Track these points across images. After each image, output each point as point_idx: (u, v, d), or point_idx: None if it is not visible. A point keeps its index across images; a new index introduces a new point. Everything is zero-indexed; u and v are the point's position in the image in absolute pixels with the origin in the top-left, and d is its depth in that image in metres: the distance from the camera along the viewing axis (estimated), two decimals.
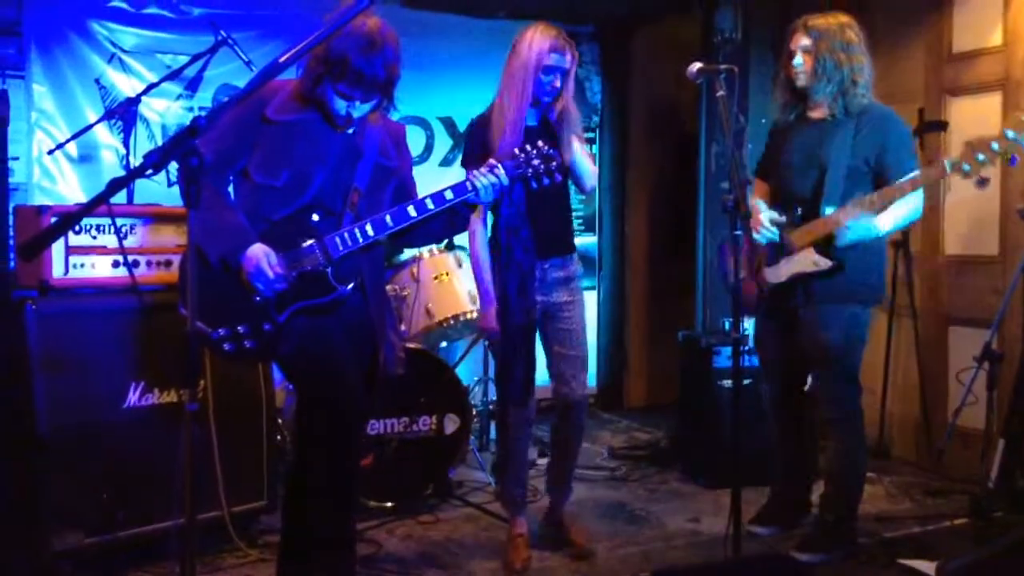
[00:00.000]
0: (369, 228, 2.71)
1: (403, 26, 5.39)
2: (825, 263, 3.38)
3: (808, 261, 3.42)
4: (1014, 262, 4.17)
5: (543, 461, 4.83)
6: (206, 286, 2.50)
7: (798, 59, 3.42)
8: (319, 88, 2.64)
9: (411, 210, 2.74)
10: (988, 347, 4.01)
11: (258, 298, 2.64)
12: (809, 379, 3.60)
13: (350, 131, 2.78)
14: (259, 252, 2.61)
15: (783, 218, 3.48)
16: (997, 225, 4.42)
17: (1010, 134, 3.08)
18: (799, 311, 3.51)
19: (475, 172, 2.80)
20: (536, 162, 2.85)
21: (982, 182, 3.23)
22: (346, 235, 2.71)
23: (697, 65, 3.15)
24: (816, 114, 3.50)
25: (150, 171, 1.63)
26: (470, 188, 2.77)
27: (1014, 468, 3.99)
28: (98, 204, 1.64)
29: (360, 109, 2.70)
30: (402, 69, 3.24)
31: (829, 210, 3.35)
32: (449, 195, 2.77)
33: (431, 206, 2.75)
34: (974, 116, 4.54)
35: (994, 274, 4.40)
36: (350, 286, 2.74)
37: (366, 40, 2.55)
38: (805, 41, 3.39)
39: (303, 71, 2.66)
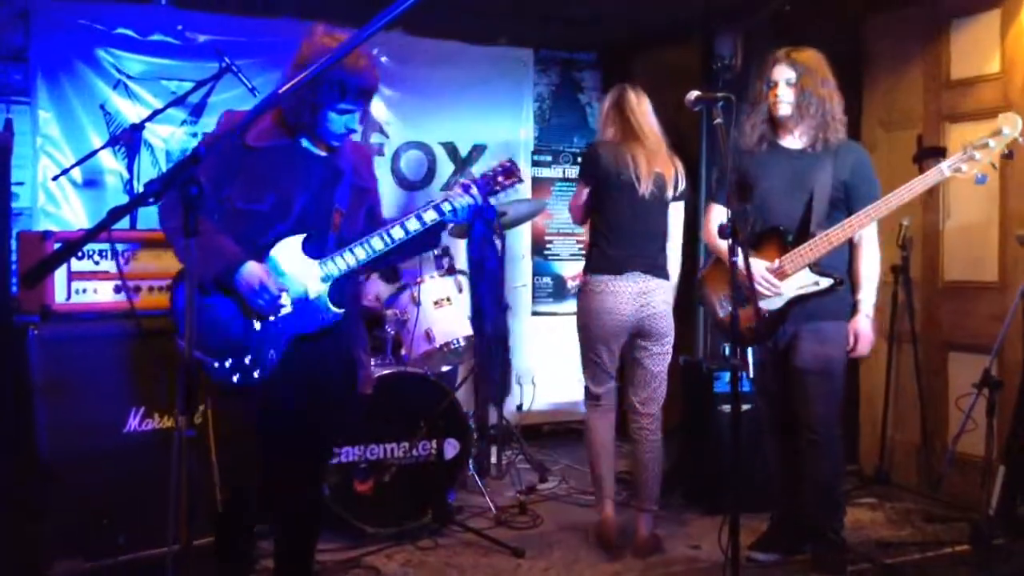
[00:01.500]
0: (359, 250, 2.76)
1: (406, 53, 5.57)
2: (827, 281, 3.45)
3: (808, 281, 3.46)
4: (1013, 288, 4.18)
5: (543, 486, 4.85)
6: (207, 316, 2.53)
7: (783, 90, 3.50)
8: (317, 115, 2.68)
9: (397, 231, 2.79)
10: (987, 373, 4.01)
11: (258, 324, 2.66)
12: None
13: (325, 154, 2.83)
14: (257, 268, 2.64)
15: (775, 264, 3.50)
16: (996, 251, 4.44)
17: (1006, 130, 3.23)
18: (799, 330, 3.53)
19: (451, 193, 2.86)
20: (500, 178, 2.95)
21: (982, 179, 3.32)
22: (338, 258, 2.74)
23: (695, 93, 3.17)
24: (793, 144, 3.59)
25: (151, 199, 1.66)
26: (448, 209, 2.82)
27: (1014, 495, 3.98)
28: (99, 232, 1.66)
29: (355, 122, 2.76)
30: (404, 95, 3.35)
31: (820, 233, 3.44)
32: (431, 216, 2.81)
33: (415, 227, 2.80)
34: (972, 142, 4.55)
35: (993, 300, 4.41)
36: (343, 310, 2.77)
37: (353, 56, 2.61)
38: (789, 73, 3.49)
39: (290, 103, 2.70)
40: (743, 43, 5.19)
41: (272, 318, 2.69)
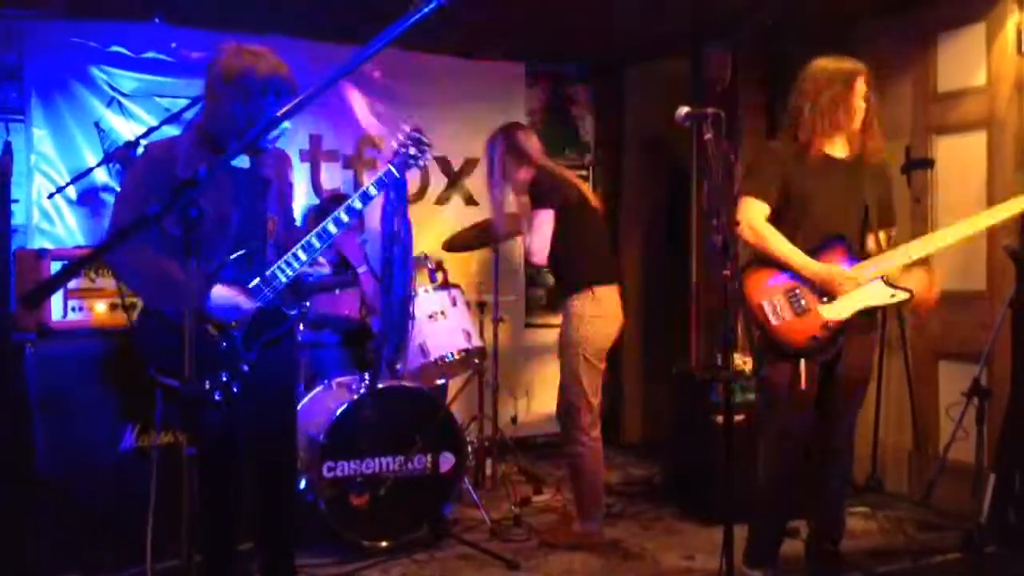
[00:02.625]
0: (300, 253, 2.85)
1: (397, 67, 5.61)
2: (903, 295, 3.45)
3: (884, 294, 3.44)
4: (1002, 297, 4.22)
5: (538, 498, 4.87)
6: (170, 342, 2.53)
7: (863, 103, 3.47)
8: (254, 123, 2.74)
9: (332, 227, 2.88)
10: (976, 382, 4.06)
11: (224, 343, 2.72)
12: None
13: (248, 166, 2.91)
14: (223, 290, 2.73)
15: (845, 265, 3.46)
16: (985, 260, 4.48)
17: None
18: (846, 340, 3.47)
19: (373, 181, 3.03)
20: (413, 150, 3.09)
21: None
22: (284, 266, 2.83)
23: (685, 109, 3.19)
24: (839, 153, 3.54)
25: (152, 223, 1.68)
26: (374, 193, 2.97)
27: (1005, 503, 4.02)
28: (103, 254, 1.69)
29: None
30: (395, 109, 3.46)
31: (871, 244, 3.53)
32: (359, 204, 2.94)
33: (346, 219, 2.90)
34: (960, 154, 4.62)
35: (982, 309, 4.45)
36: (297, 310, 2.91)
37: (274, 59, 2.86)
38: (865, 88, 3.46)
39: (219, 119, 2.82)
40: (732, 56, 5.23)
41: (236, 330, 2.78)
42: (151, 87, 4.96)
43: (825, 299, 3.43)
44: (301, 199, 5.41)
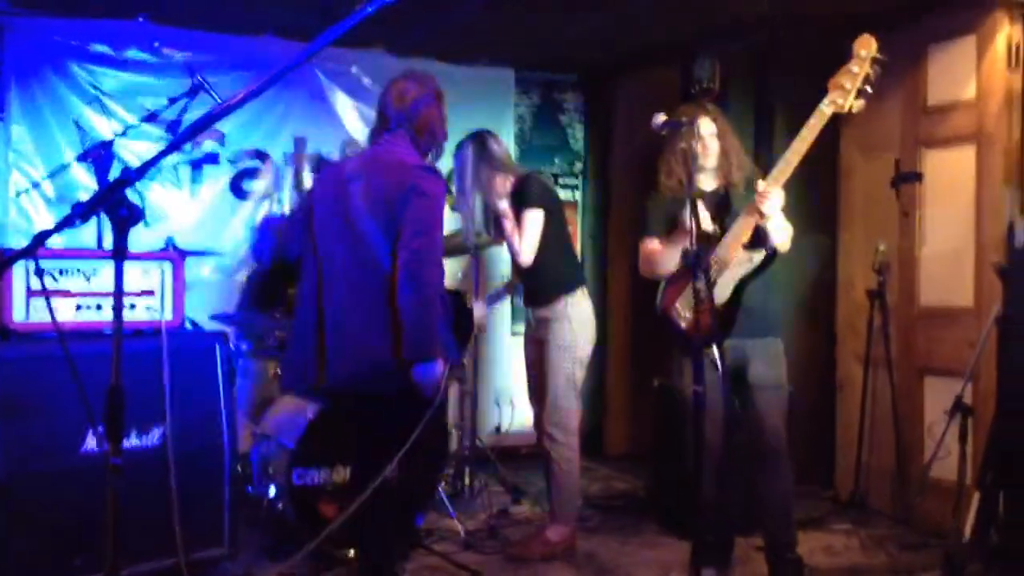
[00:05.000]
0: None
1: (387, 72, 5.51)
2: (760, 255, 3.51)
3: (743, 260, 3.49)
4: (989, 313, 4.16)
5: (516, 509, 4.81)
6: None
7: (710, 142, 3.62)
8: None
9: None
10: (959, 400, 3.99)
11: None
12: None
13: None
14: None
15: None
16: (972, 276, 4.41)
17: (863, 53, 3.41)
18: (745, 347, 3.56)
19: None
20: None
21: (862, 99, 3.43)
22: None
23: (661, 116, 3.17)
24: (707, 186, 3.68)
25: (77, 221, 1.63)
26: None
27: (988, 522, 3.95)
28: (25, 255, 1.63)
29: None
30: None
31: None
32: None
33: None
34: (949, 168, 4.55)
35: (969, 325, 4.38)
36: None
37: None
38: (712, 128, 3.61)
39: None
40: (722, 67, 5.19)
41: None
42: (133, 86, 4.92)
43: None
44: (285, 204, 5.35)
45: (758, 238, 3.50)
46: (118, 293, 1.71)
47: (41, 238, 1.63)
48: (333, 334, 3.18)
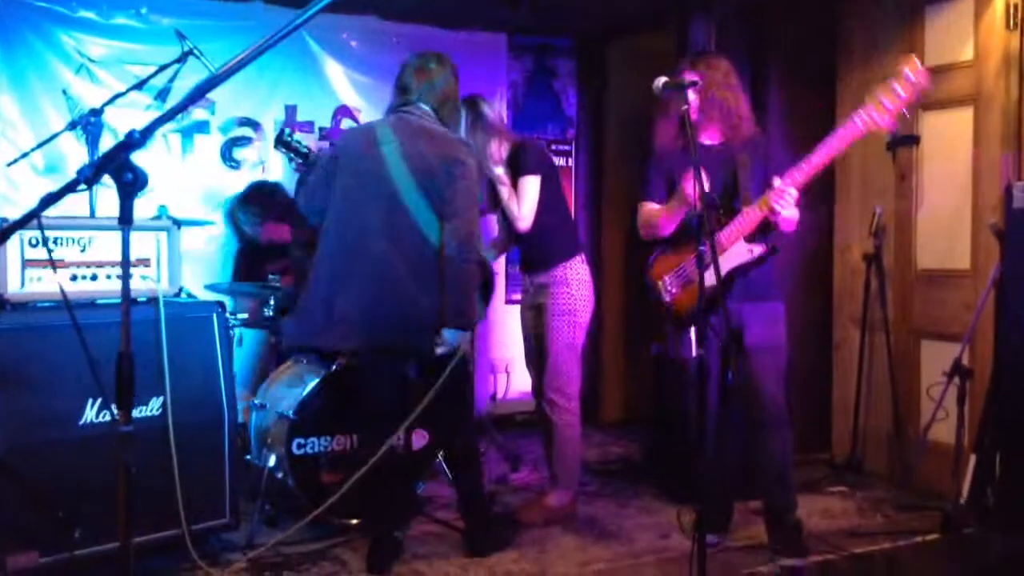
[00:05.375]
0: None
1: (377, 38, 5.50)
2: (759, 248, 3.50)
3: (743, 251, 3.49)
4: (986, 276, 4.16)
5: (515, 476, 4.82)
6: None
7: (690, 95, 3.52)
8: None
9: None
10: (958, 362, 4.01)
11: None
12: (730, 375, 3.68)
13: None
14: None
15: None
16: (969, 239, 4.41)
17: (910, 74, 3.21)
18: (744, 310, 3.57)
19: None
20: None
21: (891, 125, 3.33)
22: None
23: (662, 79, 3.13)
24: (706, 142, 3.67)
25: (82, 186, 1.59)
26: None
27: (985, 484, 3.98)
28: (29, 220, 1.59)
29: None
30: (375, 80, 3.55)
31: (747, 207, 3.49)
32: None
33: None
34: (946, 130, 4.54)
35: (966, 288, 4.39)
36: None
37: None
38: (693, 77, 3.51)
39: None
40: (717, 30, 5.14)
41: None
42: (121, 54, 4.84)
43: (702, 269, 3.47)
44: (276, 173, 5.31)
45: (762, 231, 3.49)
46: (125, 260, 1.67)
47: (47, 201, 1.60)
48: (380, 294, 3.32)
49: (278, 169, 5.29)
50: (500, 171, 4.06)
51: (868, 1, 4.91)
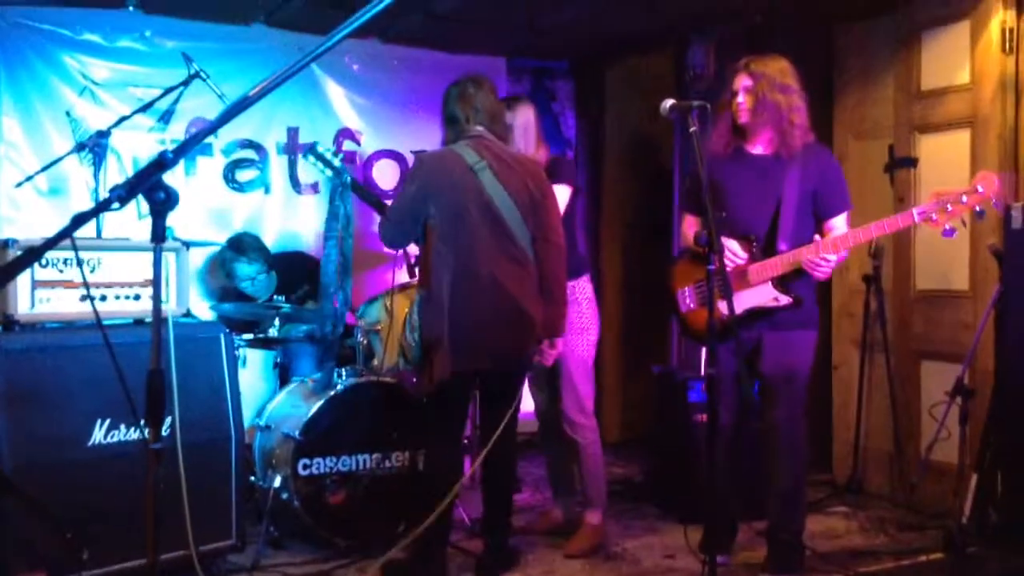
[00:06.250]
0: None
1: (378, 61, 5.54)
2: (785, 299, 3.50)
3: (768, 296, 3.51)
4: (985, 296, 4.20)
5: (517, 497, 4.80)
6: None
7: (740, 98, 3.58)
8: None
9: None
10: (960, 382, 4.04)
11: None
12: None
13: None
14: None
15: (744, 253, 3.55)
16: (967, 260, 4.45)
17: (980, 188, 3.20)
18: (764, 337, 3.58)
19: None
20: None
21: (950, 232, 3.28)
22: None
23: (670, 102, 3.17)
24: (757, 151, 3.64)
25: (116, 205, 1.61)
26: None
27: (987, 503, 4.00)
28: (62, 239, 1.61)
29: None
30: (376, 103, 3.51)
31: (783, 246, 3.48)
32: None
33: None
34: (943, 153, 4.59)
35: (965, 309, 4.43)
36: None
37: None
38: (747, 81, 3.55)
39: None
40: (716, 53, 5.20)
41: None
42: (125, 76, 4.86)
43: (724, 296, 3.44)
44: (279, 193, 5.33)
45: (796, 273, 3.48)
46: (157, 278, 1.69)
47: (79, 220, 1.61)
48: (506, 318, 3.46)
49: (280, 192, 5.31)
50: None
51: (865, 26, 4.97)
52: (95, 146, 4.09)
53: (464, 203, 3.44)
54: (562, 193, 3.96)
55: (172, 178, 4.96)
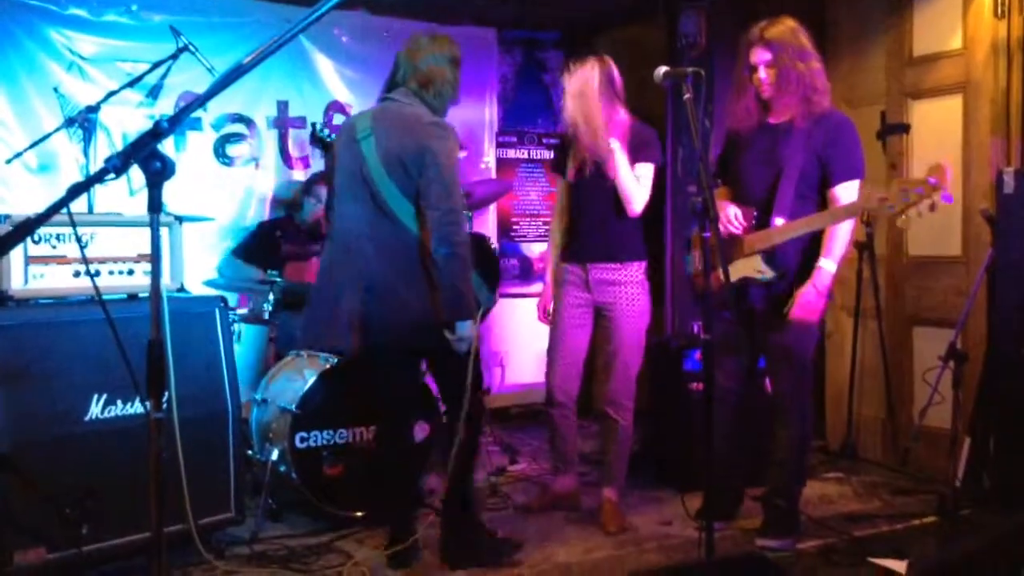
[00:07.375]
0: None
1: (367, 32, 5.49)
2: (769, 273, 3.51)
3: (752, 268, 3.52)
4: (977, 262, 4.22)
5: (514, 468, 4.83)
6: None
7: (762, 73, 3.53)
8: None
9: None
10: (953, 347, 4.06)
11: None
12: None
13: None
14: None
15: (744, 222, 3.57)
16: (960, 226, 4.47)
17: (932, 181, 3.16)
18: (760, 307, 3.59)
19: None
20: None
21: (948, 197, 3.23)
22: None
23: (664, 68, 3.15)
24: (776, 119, 3.61)
25: (111, 175, 1.59)
26: None
27: (980, 467, 4.04)
28: (57, 211, 1.59)
29: None
30: (365, 75, 3.39)
31: (779, 221, 3.47)
32: None
33: None
34: (936, 119, 4.59)
35: (957, 274, 4.45)
36: None
37: None
38: (766, 55, 3.50)
39: None
40: (708, 21, 5.17)
41: None
42: (112, 51, 4.81)
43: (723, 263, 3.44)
44: (270, 169, 5.30)
45: (780, 254, 3.48)
46: (155, 249, 1.67)
47: (75, 191, 1.59)
48: (368, 295, 3.24)
49: (272, 165, 5.29)
50: (617, 144, 3.81)
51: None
52: (84, 122, 4.05)
53: (343, 175, 3.35)
54: (646, 172, 3.86)
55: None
